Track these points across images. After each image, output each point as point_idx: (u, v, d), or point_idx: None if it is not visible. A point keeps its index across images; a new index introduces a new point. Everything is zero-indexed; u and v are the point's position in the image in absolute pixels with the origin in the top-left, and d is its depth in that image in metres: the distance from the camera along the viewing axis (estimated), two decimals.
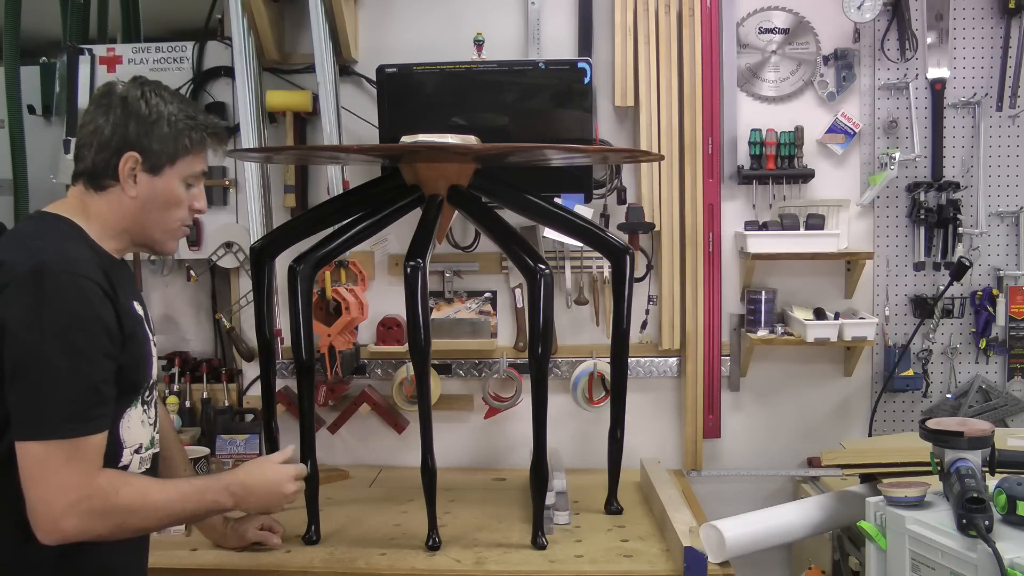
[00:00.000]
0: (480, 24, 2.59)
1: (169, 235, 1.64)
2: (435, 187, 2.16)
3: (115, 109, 1.55)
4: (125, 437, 1.54)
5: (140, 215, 1.58)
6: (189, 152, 1.59)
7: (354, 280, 2.60)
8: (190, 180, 1.61)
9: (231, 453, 2.57)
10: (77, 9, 2.83)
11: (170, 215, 1.61)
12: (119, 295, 1.50)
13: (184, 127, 1.57)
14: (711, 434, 2.73)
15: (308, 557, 2.01)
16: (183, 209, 1.62)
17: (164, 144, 1.56)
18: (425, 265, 1.97)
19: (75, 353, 1.41)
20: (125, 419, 1.54)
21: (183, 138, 1.57)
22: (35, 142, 2.77)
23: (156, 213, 1.59)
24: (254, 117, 2.57)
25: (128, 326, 1.51)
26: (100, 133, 1.55)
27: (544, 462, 2.03)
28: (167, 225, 1.61)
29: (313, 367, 2.14)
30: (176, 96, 1.61)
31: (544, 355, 1.98)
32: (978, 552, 1.49)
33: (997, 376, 2.71)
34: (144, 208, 1.58)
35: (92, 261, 1.49)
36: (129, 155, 1.54)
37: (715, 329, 2.70)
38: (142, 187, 1.56)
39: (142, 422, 1.59)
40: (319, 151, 2.62)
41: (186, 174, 1.60)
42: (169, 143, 1.56)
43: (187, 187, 1.61)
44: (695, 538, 1.93)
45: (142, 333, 1.57)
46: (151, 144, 1.55)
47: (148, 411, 1.61)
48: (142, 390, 1.57)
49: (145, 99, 1.56)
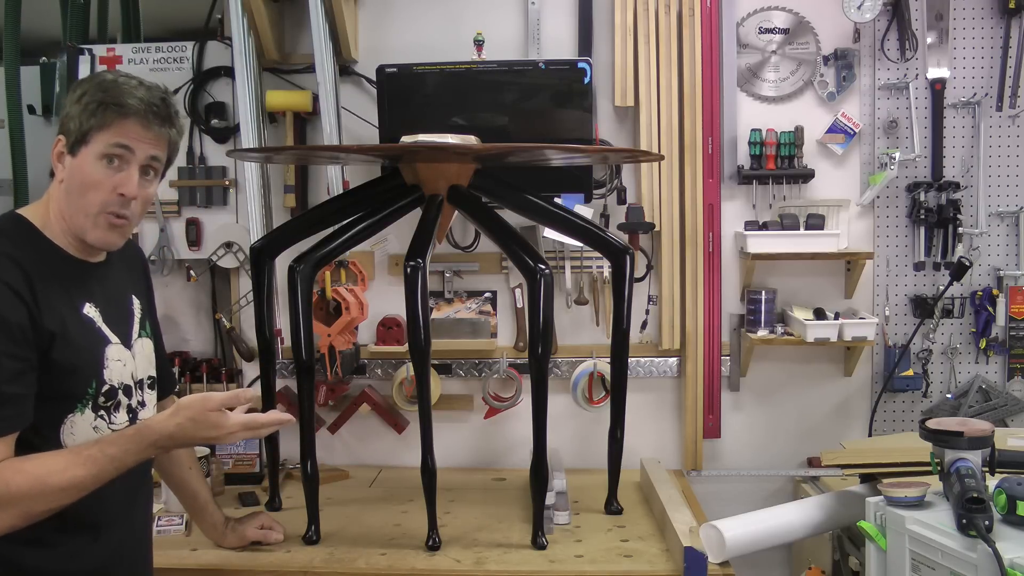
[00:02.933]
0: (480, 24, 2.59)
1: (91, 221, 1.52)
2: (435, 187, 2.16)
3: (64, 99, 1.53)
4: (68, 443, 1.49)
5: (65, 200, 1.52)
6: (102, 128, 1.49)
7: (354, 280, 2.60)
8: (110, 157, 1.50)
9: (231, 453, 2.56)
10: (77, 9, 2.83)
11: (88, 199, 1.50)
12: (44, 296, 1.45)
13: (100, 103, 1.48)
14: (711, 434, 2.73)
15: (308, 557, 2.01)
16: (102, 191, 1.50)
17: (80, 122, 1.49)
18: (425, 265, 1.97)
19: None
20: (67, 425, 1.50)
21: (98, 114, 1.48)
22: (35, 142, 2.77)
23: (75, 196, 1.51)
24: (254, 117, 2.57)
25: (54, 328, 1.45)
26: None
27: (544, 462, 2.03)
28: (87, 209, 1.51)
29: (313, 367, 2.14)
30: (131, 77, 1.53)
31: (544, 355, 1.98)
32: (978, 552, 1.49)
33: (997, 376, 2.71)
34: (67, 192, 1.51)
35: (10, 260, 1.44)
36: (57, 139, 1.51)
37: (715, 329, 2.70)
38: (66, 170, 1.51)
39: (95, 428, 1.53)
40: (319, 151, 2.62)
41: (101, 151, 1.49)
42: (84, 120, 1.49)
43: (108, 166, 1.50)
44: (695, 538, 1.93)
45: (87, 337, 1.52)
46: (70, 124, 1.50)
47: (110, 416, 1.55)
48: (85, 396, 1.51)
49: (83, 83, 1.52)
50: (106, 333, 1.56)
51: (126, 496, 1.61)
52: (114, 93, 1.50)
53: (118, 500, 1.58)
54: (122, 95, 1.50)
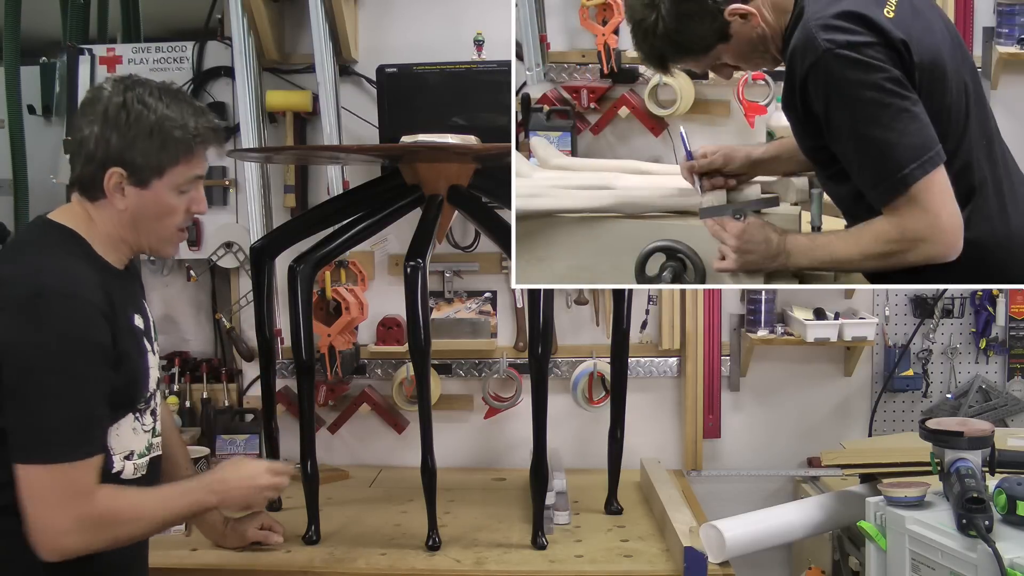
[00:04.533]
0: (480, 24, 2.59)
1: (165, 242, 1.61)
2: (435, 187, 2.16)
3: (98, 119, 1.49)
4: (114, 445, 1.53)
5: (132, 226, 1.55)
6: (178, 162, 1.52)
7: (354, 280, 2.60)
8: (184, 187, 1.56)
9: (231, 453, 2.57)
10: (77, 9, 2.83)
11: (163, 224, 1.57)
12: (117, 314, 1.48)
13: (170, 136, 1.50)
14: (711, 434, 2.73)
15: (308, 557, 2.01)
16: (177, 216, 1.58)
17: (149, 157, 1.50)
18: (425, 265, 1.97)
19: (72, 378, 1.41)
20: (115, 428, 1.53)
21: (170, 149, 1.51)
22: (35, 142, 2.77)
23: (148, 223, 1.55)
24: (254, 117, 2.57)
25: (123, 345, 1.49)
26: (87, 144, 1.50)
27: (544, 462, 2.03)
28: (162, 234, 1.58)
29: (313, 367, 2.14)
30: (167, 95, 1.53)
31: (544, 355, 1.98)
32: (978, 552, 1.49)
33: (997, 376, 2.71)
34: (135, 220, 1.54)
35: (92, 280, 1.46)
36: (113, 171, 1.49)
37: (715, 329, 2.70)
38: (130, 200, 1.52)
39: (134, 430, 1.57)
40: (319, 151, 2.62)
41: (177, 183, 1.54)
42: (154, 155, 1.50)
43: (181, 193, 1.56)
44: (695, 538, 1.94)
45: (138, 349, 1.55)
46: (135, 158, 1.49)
47: (142, 418, 1.60)
48: (137, 404, 1.57)
49: (127, 108, 1.49)
50: (146, 343, 1.60)
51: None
52: (187, 127, 1.52)
53: None
54: (196, 128, 1.53)
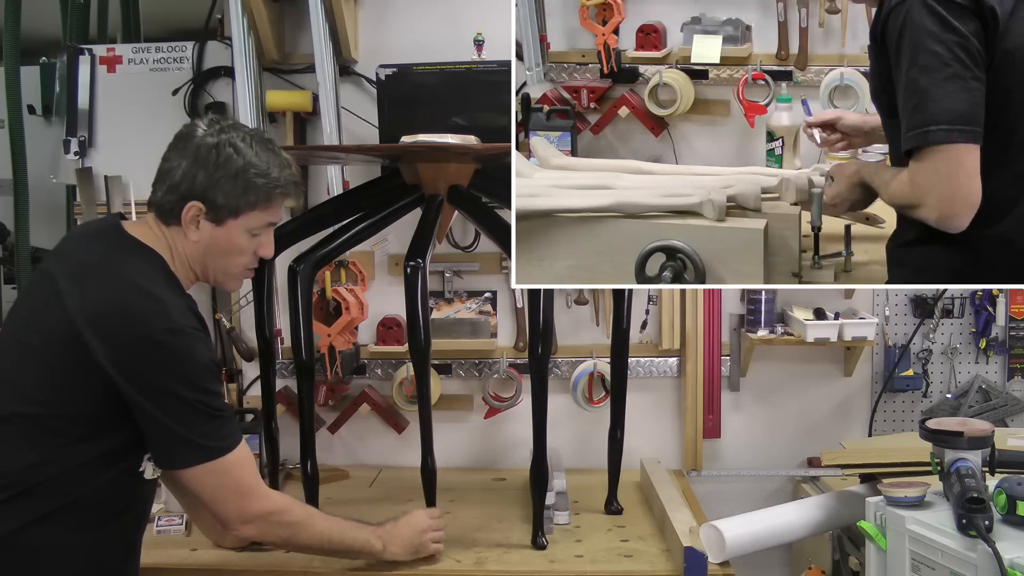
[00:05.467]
0: (480, 24, 2.59)
1: (230, 278, 1.70)
2: (435, 187, 2.16)
3: (189, 155, 1.58)
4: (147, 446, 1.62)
5: (201, 258, 1.64)
6: (255, 208, 1.62)
7: (354, 280, 2.60)
8: (256, 231, 1.65)
9: None
10: (77, 9, 2.83)
11: (231, 261, 1.66)
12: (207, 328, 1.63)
13: (253, 183, 1.60)
14: (711, 434, 2.73)
15: (308, 557, 2.00)
16: (245, 256, 1.66)
17: (229, 198, 1.59)
18: (425, 265, 1.97)
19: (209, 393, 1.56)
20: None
21: (250, 194, 1.60)
22: (35, 142, 2.77)
23: (217, 259, 1.64)
24: (254, 117, 2.57)
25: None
26: (172, 175, 1.59)
27: (544, 462, 2.03)
28: (228, 270, 1.67)
29: (313, 367, 2.14)
30: (257, 143, 1.62)
31: (544, 355, 1.98)
32: (978, 552, 1.49)
33: (997, 376, 2.71)
34: (205, 253, 1.63)
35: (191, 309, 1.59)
36: (192, 204, 1.58)
37: (715, 329, 2.70)
38: (204, 234, 1.61)
39: None
40: (319, 151, 2.62)
41: (251, 227, 1.63)
42: (235, 198, 1.59)
43: (253, 236, 1.65)
44: (695, 538, 1.94)
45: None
46: (216, 197, 1.59)
47: None
48: None
49: (218, 149, 1.58)
50: None
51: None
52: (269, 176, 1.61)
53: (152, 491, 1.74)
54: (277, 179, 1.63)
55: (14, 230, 2.75)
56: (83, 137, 2.68)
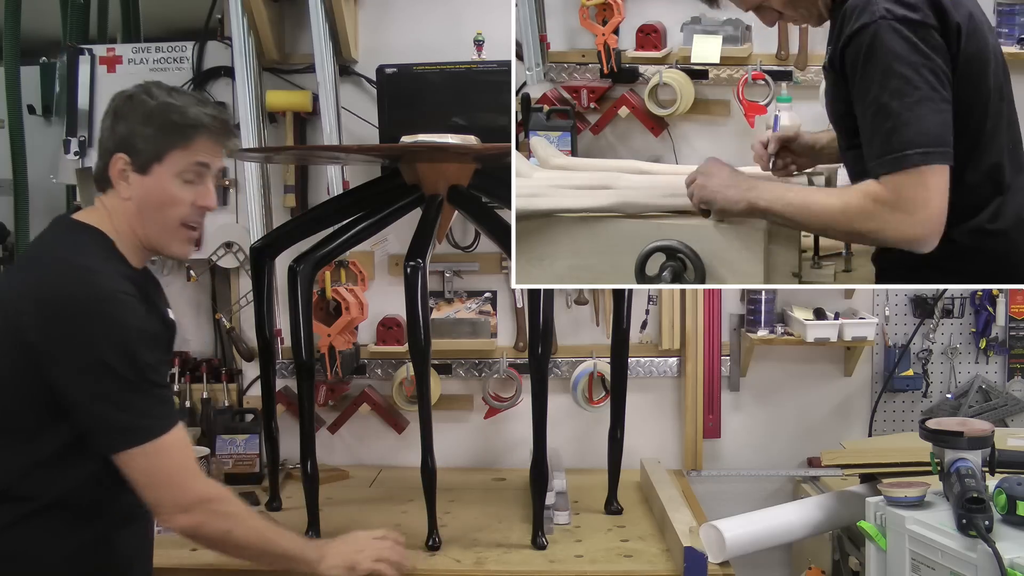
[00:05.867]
0: (480, 24, 2.59)
1: (171, 236, 1.58)
2: (435, 187, 2.16)
3: (111, 114, 1.56)
4: None
5: (136, 217, 1.55)
6: (176, 147, 1.53)
7: (354, 280, 2.60)
8: (188, 176, 1.55)
9: (231, 453, 2.56)
10: (77, 9, 2.83)
11: (166, 215, 1.56)
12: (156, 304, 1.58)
13: (169, 122, 1.53)
14: (711, 434, 2.73)
15: None
16: (182, 207, 1.56)
17: (148, 142, 1.52)
18: (425, 265, 1.97)
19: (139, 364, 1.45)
20: None
21: (170, 134, 1.53)
22: (35, 142, 2.77)
23: (152, 213, 1.55)
24: (254, 117, 2.57)
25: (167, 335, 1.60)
26: (103, 138, 1.56)
27: (544, 462, 2.03)
28: (165, 225, 1.56)
29: (313, 367, 2.14)
30: (175, 91, 1.57)
31: (544, 355, 1.98)
32: (978, 552, 1.49)
33: (997, 376, 2.71)
34: (139, 210, 1.55)
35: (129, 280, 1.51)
36: (116, 157, 1.53)
37: (715, 329, 2.70)
38: (134, 188, 1.54)
39: None
40: (319, 151, 2.62)
41: (180, 169, 1.54)
42: (154, 140, 1.52)
43: (186, 183, 1.55)
44: (695, 538, 1.94)
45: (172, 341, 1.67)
46: (136, 143, 1.52)
47: None
48: None
49: (133, 98, 1.54)
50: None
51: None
52: (185, 112, 1.54)
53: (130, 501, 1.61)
54: (195, 114, 1.55)
55: (14, 230, 2.74)
56: (83, 137, 2.68)
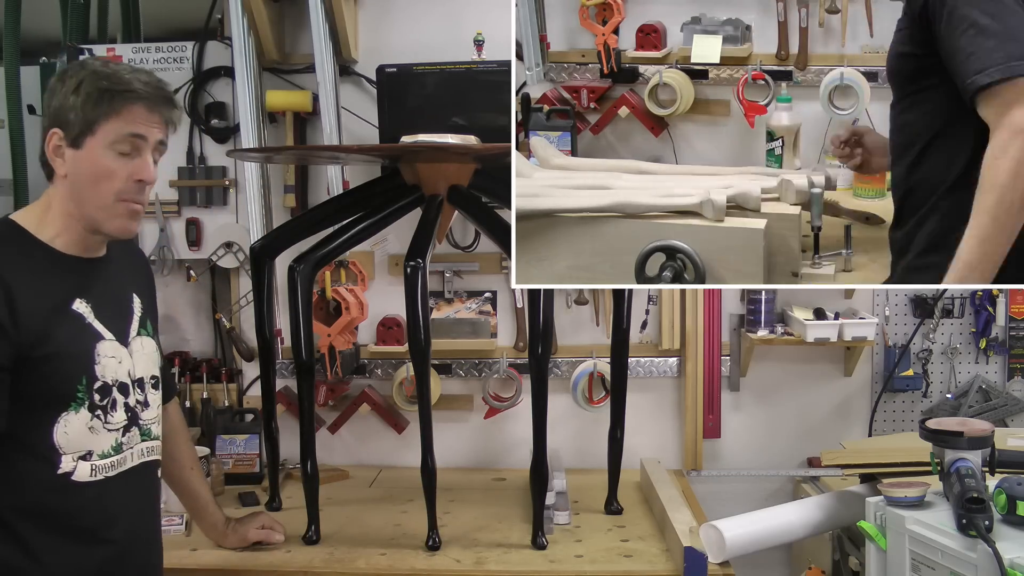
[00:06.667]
0: (480, 24, 2.59)
1: (108, 212, 1.51)
2: (435, 187, 2.16)
3: (47, 93, 1.52)
4: (62, 443, 1.47)
5: (73, 194, 1.50)
6: (108, 117, 1.47)
7: (354, 280, 2.60)
8: (123, 147, 1.49)
9: (231, 453, 2.57)
10: (77, 9, 2.82)
11: (100, 190, 1.49)
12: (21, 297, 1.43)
13: (99, 90, 1.47)
14: (711, 434, 2.73)
15: (308, 557, 2.01)
16: (117, 180, 1.49)
17: (79, 113, 1.47)
18: (425, 265, 1.97)
19: None
20: (60, 424, 1.47)
21: (100, 103, 1.47)
22: (35, 142, 2.74)
23: (87, 189, 1.49)
24: (254, 117, 2.57)
25: (34, 327, 1.43)
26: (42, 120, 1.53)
27: (544, 462, 2.03)
28: (101, 201, 1.50)
29: (313, 367, 2.14)
30: (109, 64, 1.52)
31: (544, 355, 1.98)
32: (978, 552, 1.49)
33: (997, 376, 2.71)
34: (74, 185, 1.50)
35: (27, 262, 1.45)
36: (52, 132, 1.49)
37: (715, 329, 2.70)
38: (69, 164, 1.49)
39: (91, 428, 1.51)
40: (319, 151, 2.62)
41: (112, 140, 1.48)
42: (84, 111, 1.47)
43: (121, 156, 1.49)
44: (695, 538, 1.94)
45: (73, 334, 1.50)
46: (68, 115, 1.47)
47: (107, 416, 1.53)
48: (76, 394, 1.49)
49: (66, 73, 1.51)
50: (98, 329, 1.53)
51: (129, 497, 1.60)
52: (116, 80, 1.49)
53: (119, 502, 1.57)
54: (125, 81, 1.49)
55: None
56: None
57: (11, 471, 1.46)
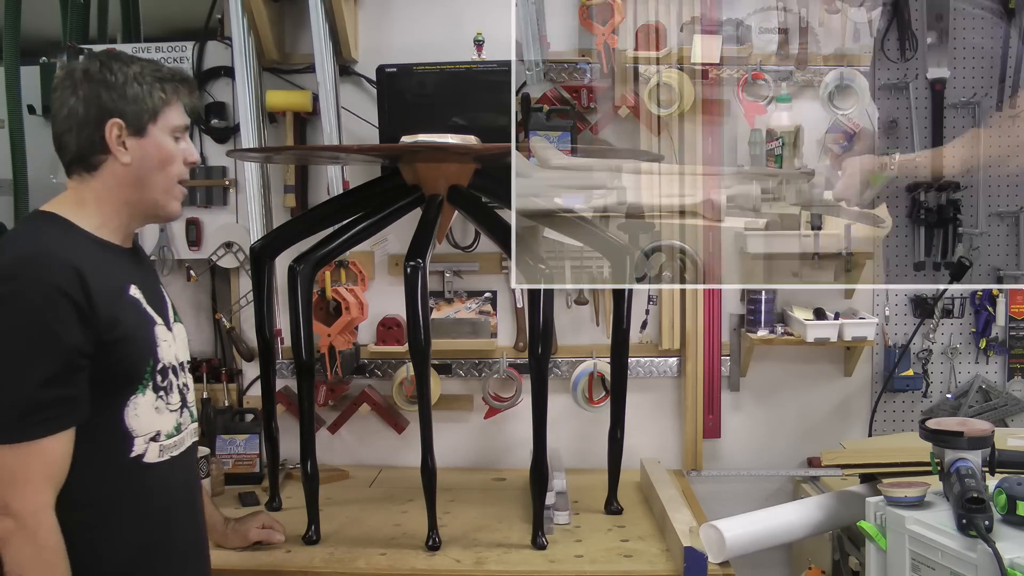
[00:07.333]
0: (480, 24, 2.59)
1: (170, 195, 1.61)
2: (435, 187, 2.16)
3: (82, 85, 1.53)
4: (134, 426, 1.52)
5: (138, 180, 1.56)
6: (167, 104, 1.58)
7: (354, 280, 2.60)
8: (176, 133, 1.60)
9: (231, 453, 2.57)
10: (77, 9, 2.82)
11: (167, 173, 1.59)
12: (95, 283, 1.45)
13: (153, 80, 1.56)
14: (711, 434, 2.73)
15: (308, 557, 2.01)
16: (177, 164, 1.60)
17: (139, 103, 1.55)
18: (425, 265, 1.97)
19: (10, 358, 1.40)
20: (130, 407, 1.51)
21: (156, 91, 1.56)
22: (35, 142, 2.76)
23: (153, 174, 1.57)
24: (254, 117, 2.57)
25: (109, 314, 1.47)
26: (76, 114, 1.53)
27: (544, 462, 2.03)
28: (166, 184, 1.59)
29: (313, 367, 2.14)
30: (134, 58, 1.59)
31: (544, 355, 1.98)
32: (978, 552, 1.49)
33: (997, 376, 2.71)
34: (140, 173, 1.56)
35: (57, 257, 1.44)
36: (112, 123, 1.53)
37: (715, 329, 2.70)
38: (133, 151, 1.55)
39: (156, 408, 1.56)
40: (319, 151, 2.62)
41: (171, 127, 1.58)
42: (144, 100, 1.55)
43: (176, 140, 1.60)
44: (695, 538, 1.94)
45: (136, 317, 1.54)
46: (127, 107, 1.54)
47: (167, 397, 1.58)
48: (144, 376, 1.54)
49: (107, 67, 1.54)
50: (151, 314, 1.59)
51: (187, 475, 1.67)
52: (165, 69, 1.59)
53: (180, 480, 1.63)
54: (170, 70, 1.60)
55: None
56: None
57: (93, 458, 1.49)
